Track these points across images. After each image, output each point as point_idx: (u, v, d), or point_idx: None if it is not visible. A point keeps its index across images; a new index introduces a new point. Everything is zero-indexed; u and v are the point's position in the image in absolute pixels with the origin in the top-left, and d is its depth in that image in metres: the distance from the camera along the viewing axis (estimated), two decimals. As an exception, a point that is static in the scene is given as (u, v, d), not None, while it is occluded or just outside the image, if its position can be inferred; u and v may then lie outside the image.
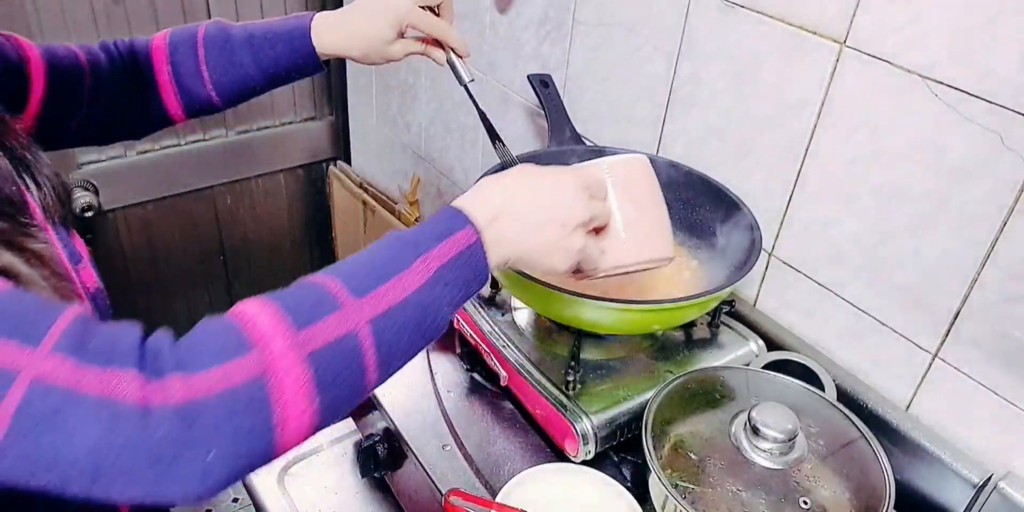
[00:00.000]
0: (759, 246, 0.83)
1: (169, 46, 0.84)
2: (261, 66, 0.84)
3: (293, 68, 0.86)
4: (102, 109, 0.82)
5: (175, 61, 0.84)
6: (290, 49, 0.84)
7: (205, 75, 0.84)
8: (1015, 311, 0.73)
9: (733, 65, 0.93)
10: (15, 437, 0.42)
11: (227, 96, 0.86)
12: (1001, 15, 0.68)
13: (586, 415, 0.80)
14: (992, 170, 0.71)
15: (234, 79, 0.85)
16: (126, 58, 0.84)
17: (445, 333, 0.60)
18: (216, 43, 0.84)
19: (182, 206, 1.85)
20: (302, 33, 0.83)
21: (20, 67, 0.75)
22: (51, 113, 0.78)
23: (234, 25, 0.86)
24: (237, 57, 0.84)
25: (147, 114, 0.86)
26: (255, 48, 0.84)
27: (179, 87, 0.85)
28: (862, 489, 0.71)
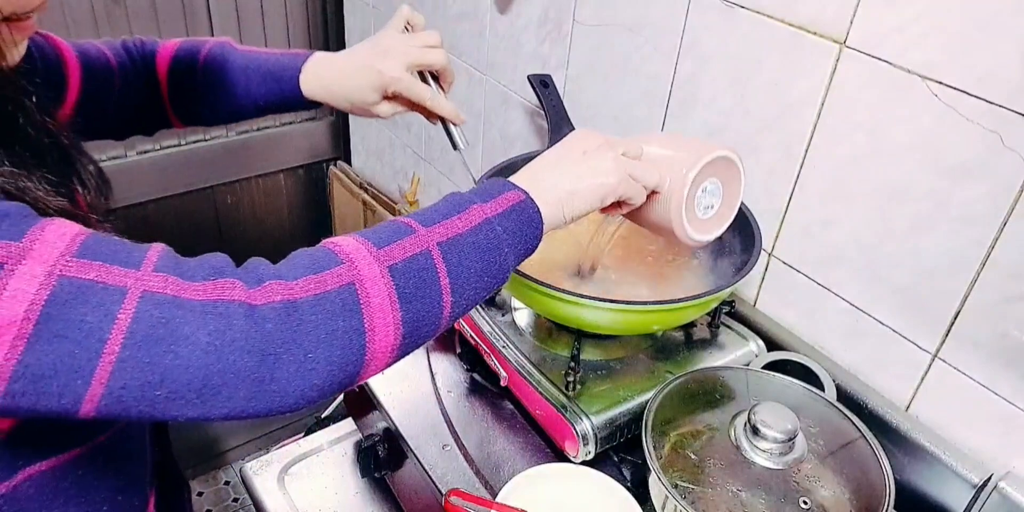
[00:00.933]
0: (759, 246, 0.83)
1: (173, 59, 0.85)
2: (251, 97, 0.85)
3: (281, 105, 0.86)
4: (124, 108, 0.84)
5: (174, 74, 0.85)
6: (279, 89, 0.84)
7: (199, 92, 0.86)
8: (1015, 311, 0.73)
9: (733, 65, 0.93)
10: (131, 350, 0.44)
11: (216, 117, 0.88)
12: (1001, 15, 0.68)
13: (586, 415, 0.80)
14: (992, 170, 0.71)
15: (224, 103, 0.86)
16: (139, 60, 0.85)
17: (446, 333, 0.61)
18: (214, 67, 0.85)
19: (183, 206, 1.85)
20: (291, 76, 0.83)
21: (58, 66, 0.76)
22: (84, 111, 0.79)
23: (236, 51, 0.86)
24: (229, 85, 0.85)
25: (154, 115, 0.88)
26: (248, 80, 0.85)
27: (173, 99, 0.86)
28: (862, 489, 0.71)
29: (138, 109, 0.86)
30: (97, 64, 0.80)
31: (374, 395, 0.96)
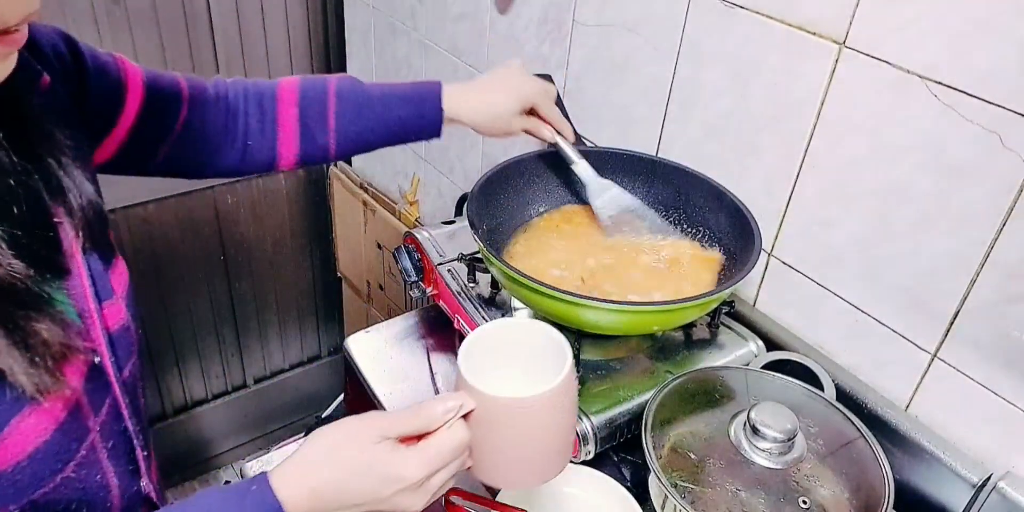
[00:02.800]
0: (759, 246, 0.83)
1: (300, 91, 0.86)
2: (387, 123, 0.87)
3: (414, 130, 0.88)
4: (194, 142, 0.82)
5: (304, 106, 0.85)
6: (418, 112, 0.86)
7: (331, 124, 0.86)
8: (1014, 311, 0.73)
9: (733, 65, 0.93)
10: None
11: (344, 147, 0.88)
12: (1001, 15, 0.68)
13: (586, 415, 0.80)
14: (991, 170, 0.72)
15: (358, 132, 0.87)
16: (236, 95, 0.85)
17: (446, 333, 0.61)
18: (351, 95, 0.86)
19: (183, 206, 1.85)
20: (434, 97, 0.86)
21: (118, 88, 0.75)
22: (140, 138, 0.77)
23: (367, 82, 0.88)
24: (367, 111, 0.86)
25: (250, 154, 0.86)
26: (387, 105, 0.86)
27: (302, 131, 0.86)
28: (861, 489, 0.71)
29: (220, 144, 0.84)
30: (165, 91, 0.79)
31: (374, 395, 0.96)
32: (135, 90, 0.76)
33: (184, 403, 2.18)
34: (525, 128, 0.90)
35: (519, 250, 0.94)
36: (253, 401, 2.30)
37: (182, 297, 1.98)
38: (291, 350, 2.30)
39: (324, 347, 2.37)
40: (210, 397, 2.22)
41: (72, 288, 0.59)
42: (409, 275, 1.04)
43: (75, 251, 0.60)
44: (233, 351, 2.18)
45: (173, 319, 2.00)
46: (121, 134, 0.76)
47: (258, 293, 2.12)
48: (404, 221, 1.76)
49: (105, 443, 0.60)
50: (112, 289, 0.63)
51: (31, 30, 0.65)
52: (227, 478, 2.36)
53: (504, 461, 0.62)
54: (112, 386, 0.62)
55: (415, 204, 1.76)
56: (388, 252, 1.84)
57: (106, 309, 0.62)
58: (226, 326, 2.12)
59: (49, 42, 0.67)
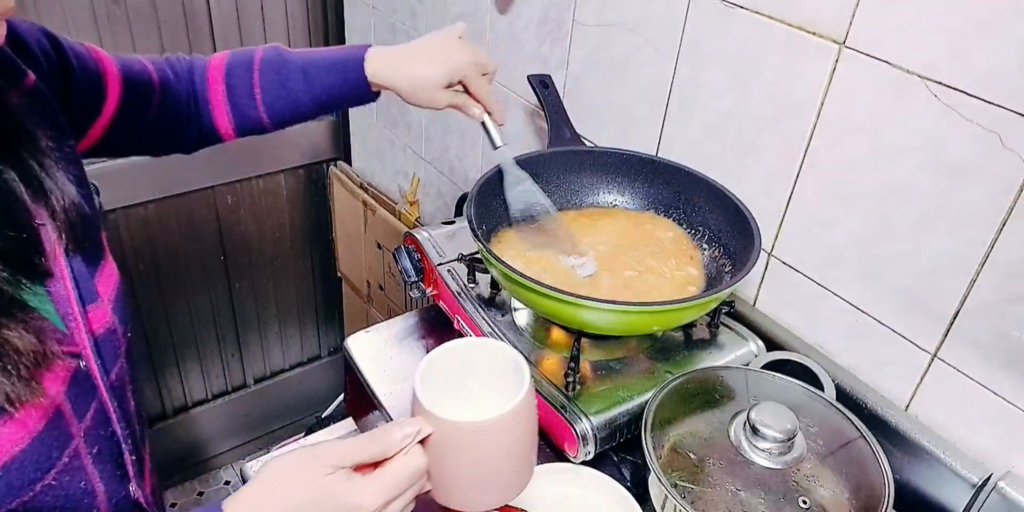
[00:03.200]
0: (759, 246, 0.83)
1: (226, 67, 0.87)
2: (313, 93, 0.87)
3: (343, 96, 0.88)
4: (164, 124, 0.85)
5: (231, 83, 0.87)
6: (342, 78, 0.86)
7: (258, 97, 0.87)
8: (1014, 311, 0.73)
9: (733, 65, 0.93)
10: None
11: (277, 119, 0.89)
12: (1001, 15, 0.68)
13: (586, 416, 0.80)
14: (991, 170, 0.72)
15: (285, 103, 0.87)
16: (185, 75, 0.86)
17: (446, 333, 0.60)
18: (272, 68, 0.87)
19: (183, 206, 1.85)
20: (356, 64, 0.85)
21: (98, 80, 0.76)
22: (121, 125, 0.79)
23: (291, 51, 0.88)
24: (291, 82, 0.86)
25: (199, 130, 0.89)
26: (309, 75, 0.86)
27: (232, 107, 0.87)
28: (861, 489, 0.71)
29: (182, 123, 0.87)
30: (139, 78, 0.81)
31: (374, 395, 0.96)
32: (113, 81, 0.78)
33: (184, 403, 2.19)
34: (452, 103, 0.87)
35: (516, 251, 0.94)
36: (253, 401, 2.30)
37: (182, 297, 1.98)
38: (291, 350, 2.30)
39: (324, 347, 2.37)
40: (210, 397, 2.22)
41: (55, 291, 0.58)
42: (409, 275, 1.04)
43: (58, 254, 0.59)
44: (233, 351, 2.18)
45: (173, 319, 2.00)
46: (104, 123, 0.77)
47: (258, 293, 2.12)
48: (404, 221, 1.76)
49: (90, 448, 0.59)
50: (97, 292, 0.62)
51: (18, 29, 0.65)
52: (227, 478, 2.36)
53: (463, 484, 0.62)
54: (99, 390, 0.61)
55: (415, 204, 1.76)
56: (388, 252, 1.84)
57: (91, 312, 0.61)
58: (226, 326, 2.12)
59: (35, 40, 0.67)
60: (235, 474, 2.36)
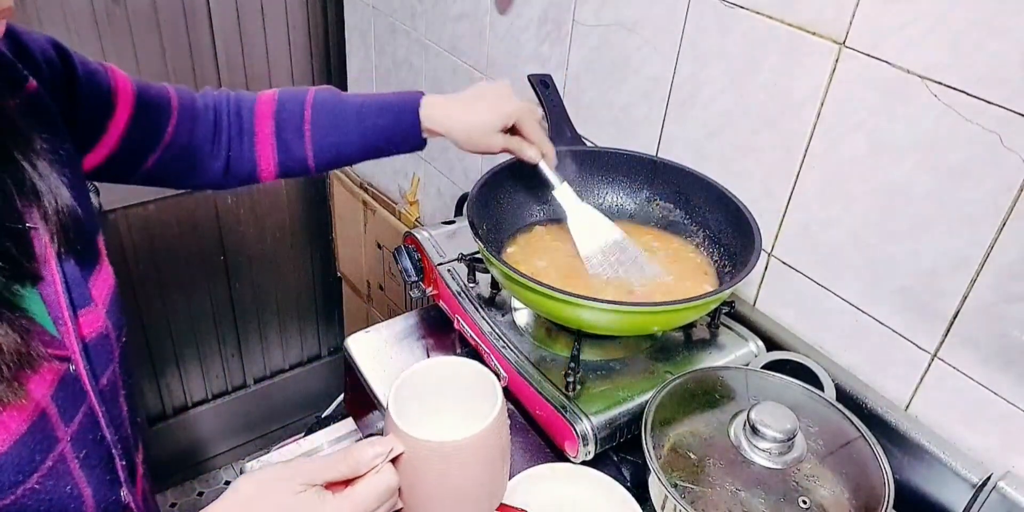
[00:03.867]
0: (759, 246, 0.83)
1: (277, 102, 0.86)
2: (364, 135, 0.86)
3: (394, 140, 0.87)
4: (181, 152, 0.83)
5: (281, 118, 0.85)
6: (396, 121, 0.85)
7: (307, 135, 0.86)
8: (1014, 311, 0.73)
9: (733, 65, 0.93)
10: None
11: (323, 160, 0.88)
12: (1001, 15, 0.68)
13: (586, 416, 0.80)
14: (991, 170, 0.72)
15: (334, 143, 0.86)
16: (223, 107, 0.85)
17: (446, 333, 0.60)
18: (326, 106, 0.86)
19: (183, 206, 1.85)
20: (412, 107, 0.85)
21: (108, 97, 0.75)
22: (129, 147, 0.78)
23: (346, 93, 0.88)
24: (343, 122, 0.85)
25: (232, 165, 0.87)
26: (362, 115, 0.85)
27: (279, 143, 0.86)
28: (861, 489, 0.71)
29: (205, 155, 0.84)
30: (154, 100, 0.79)
31: (374, 395, 0.96)
32: (125, 99, 0.76)
33: (184, 403, 2.19)
34: (506, 147, 0.87)
35: (518, 250, 0.94)
36: (253, 401, 2.30)
37: (182, 297, 1.98)
38: (291, 350, 2.31)
39: (324, 347, 2.37)
40: (210, 397, 2.22)
41: (47, 295, 0.57)
42: (409, 275, 1.04)
43: (49, 257, 0.58)
44: (233, 351, 2.18)
45: (173, 319, 2.00)
46: (111, 142, 0.76)
47: (258, 293, 2.12)
48: (404, 221, 1.76)
49: (77, 453, 0.59)
50: (91, 297, 0.62)
51: (23, 38, 0.65)
52: (227, 478, 2.36)
53: (434, 504, 0.62)
54: (88, 395, 0.60)
55: (415, 204, 1.76)
56: (388, 252, 1.84)
57: (83, 317, 0.60)
58: (226, 326, 2.12)
59: (40, 49, 0.67)
60: (235, 474, 2.36)
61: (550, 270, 0.90)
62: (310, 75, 1.87)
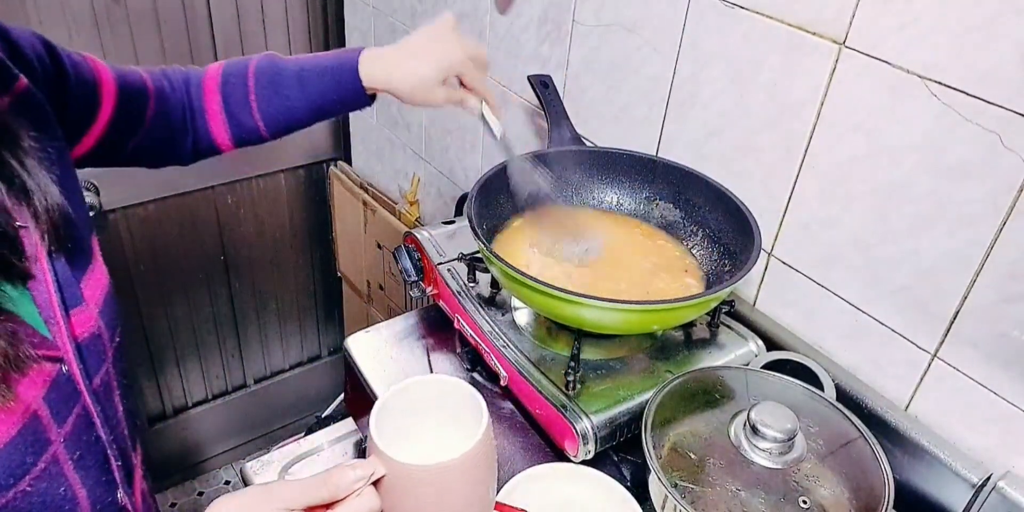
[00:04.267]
0: (759, 246, 0.83)
1: (222, 77, 0.87)
2: (308, 98, 0.86)
3: (339, 101, 0.87)
4: (159, 134, 0.84)
5: (226, 92, 0.87)
6: (336, 82, 0.85)
7: (254, 106, 0.87)
8: (1014, 311, 0.73)
9: (733, 65, 0.93)
10: None
11: (274, 127, 0.88)
12: (1001, 15, 0.68)
13: (586, 415, 0.80)
14: (991, 170, 0.72)
15: (281, 111, 0.87)
16: (181, 86, 0.86)
17: (446, 332, 0.60)
18: (266, 75, 0.86)
19: (183, 206, 1.85)
20: (351, 67, 0.85)
21: (94, 88, 0.76)
22: (114, 134, 0.79)
23: (285, 58, 0.88)
24: (285, 89, 0.86)
25: (196, 141, 0.88)
26: (303, 81, 0.86)
27: (228, 116, 0.87)
28: (861, 489, 0.71)
29: (174, 136, 0.86)
30: (134, 87, 0.81)
31: (374, 395, 0.96)
32: (108, 89, 0.77)
33: (184, 403, 2.19)
34: (449, 99, 0.87)
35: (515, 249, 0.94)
36: (253, 401, 2.30)
37: (182, 297, 1.98)
38: (291, 350, 2.31)
39: (324, 347, 2.37)
40: (210, 397, 2.23)
41: (37, 294, 0.57)
42: (409, 275, 1.04)
43: (40, 256, 0.58)
44: (233, 351, 2.18)
45: (173, 319, 2.00)
46: (98, 131, 0.77)
47: (258, 293, 2.12)
48: (404, 221, 1.76)
49: (71, 454, 0.58)
50: (83, 296, 0.61)
51: (12, 34, 0.64)
52: (227, 478, 2.36)
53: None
54: (81, 395, 0.60)
55: (415, 204, 1.76)
56: (388, 252, 1.84)
57: (75, 317, 0.60)
58: (226, 326, 2.12)
59: (30, 45, 0.67)
60: (235, 474, 2.36)
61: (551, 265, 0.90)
62: (310, 75, 1.87)
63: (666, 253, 0.96)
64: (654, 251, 0.96)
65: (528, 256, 0.92)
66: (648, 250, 0.96)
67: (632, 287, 0.89)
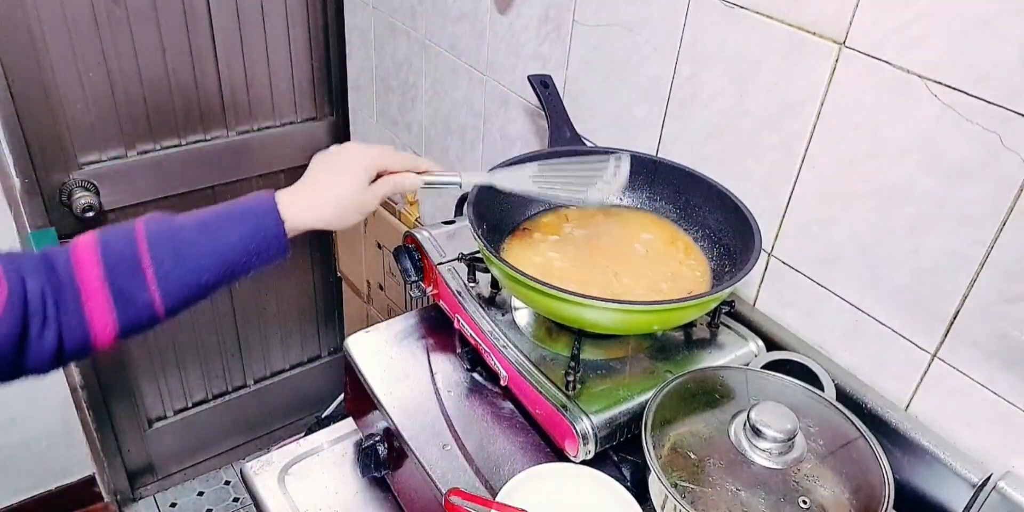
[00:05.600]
0: (759, 246, 0.83)
1: (99, 244, 0.70)
2: (220, 254, 0.72)
3: (256, 251, 0.73)
4: (8, 343, 0.65)
5: (109, 261, 0.69)
6: (254, 227, 0.73)
7: (148, 272, 0.69)
8: (1014, 311, 0.73)
9: (733, 65, 0.93)
10: None
11: (172, 298, 0.71)
12: (1000, 15, 0.68)
13: (586, 415, 0.80)
14: (992, 170, 0.72)
15: (184, 273, 0.71)
16: (39, 267, 0.68)
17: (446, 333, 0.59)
18: (163, 234, 0.71)
19: (183, 206, 1.82)
20: (268, 207, 0.74)
21: None
22: None
23: (178, 215, 0.74)
24: (190, 247, 0.71)
25: (62, 338, 0.68)
26: (212, 233, 0.72)
27: (114, 292, 0.69)
28: (861, 489, 0.71)
29: (34, 334, 0.66)
30: None
31: (374, 395, 0.96)
32: None
33: (184, 403, 2.19)
34: (385, 195, 0.80)
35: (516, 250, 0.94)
36: (253, 401, 2.30)
37: (182, 297, 1.98)
38: (291, 350, 2.30)
39: (324, 347, 2.37)
40: (210, 397, 2.22)
41: None
42: (409, 275, 1.04)
43: None
44: (233, 351, 2.18)
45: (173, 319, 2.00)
46: None
47: (258, 293, 2.12)
48: (404, 221, 1.76)
49: None
50: None
51: None
52: (227, 478, 2.36)
53: None
54: None
55: (415, 204, 1.76)
56: (388, 252, 1.84)
57: None
58: (226, 326, 2.12)
59: None
60: (235, 474, 2.36)
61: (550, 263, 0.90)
62: (310, 75, 1.87)
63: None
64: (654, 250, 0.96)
65: (532, 253, 0.92)
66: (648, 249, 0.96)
67: (632, 287, 0.89)
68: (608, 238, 0.95)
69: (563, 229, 0.97)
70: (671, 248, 0.94)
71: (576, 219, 0.99)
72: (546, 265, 0.91)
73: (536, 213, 1.00)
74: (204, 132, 1.79)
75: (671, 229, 0.98)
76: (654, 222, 0.99)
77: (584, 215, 1.00)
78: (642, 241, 0.95)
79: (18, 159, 1.55)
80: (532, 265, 0.90)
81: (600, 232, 0.97)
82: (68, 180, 1.64)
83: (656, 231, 0.97)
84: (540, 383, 0.84)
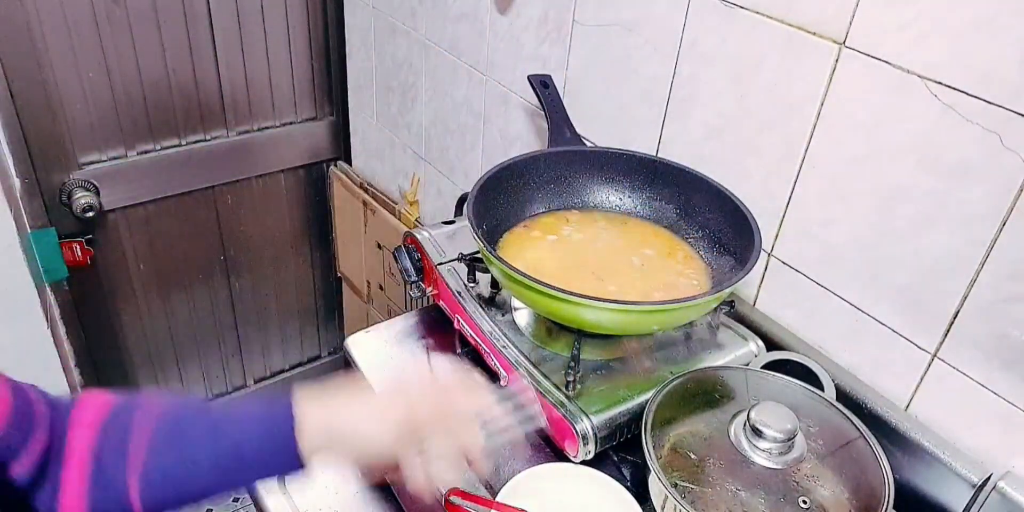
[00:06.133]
0: (759, 246, 0.83)
1: (111, 412, 0.61)
2: (217, 461, 0.61)
3: (267, 466, 0.62)
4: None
5: (106, 428, 0.60)
6: (269, 434, 0.61)
7: (130, 455, 0.59)
8: (1014, 311, 0.73)
9: (733, 65, 0.93)
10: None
11: (152, 493, 0.59)
12: (1001, 15, 0.68)
13: (586, 415, 0.80)
14: (992, 170, 0.72)
15: (180, 474, 0.60)
16: (59, 409, 0.60)
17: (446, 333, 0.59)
18: (172, 417, 0.62)
19: (183, 206, 1.85)
20: (285, 414, 0.61)
21: None
22: None
23: (205, 402, 0.66)
24: (190, 450, 0.60)
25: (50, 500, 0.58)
26: (217, 436, 0.61)
27: (93, 467, 0.58)
28: (861, 489, 0.71)
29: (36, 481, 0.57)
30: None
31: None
32: None
33: (184, 403, 2.18)
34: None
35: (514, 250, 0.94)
36: (253, 401, 2.30)
37: (182, 297, 1.98)
38: (291, 350, 2.30)
39: (324, 347, 2.37)
40: (210, 397, 2.22)
41: None
42: (409, 275, 1.04)
43: None
44: (233, 351, 2.18)
45: (173, 319, 2.00)
46: None
47: (258, 293, 2.12)
48: (404, 221, 1.76)
49: None
50: None
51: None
52: (227, 478, 2.36)
53: None
54: None
55: (415, 204, 1.76)
56: (388, 252, 1.84)
57: None
58: (226, 326, 2.12)
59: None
60: (235, 474, 2.36)
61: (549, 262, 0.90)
62: (310, 75, 1.87)
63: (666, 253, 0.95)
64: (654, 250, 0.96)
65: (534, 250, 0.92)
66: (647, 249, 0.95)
67: (632, 288, 0.89)
68: (605, 246, 0.95)
69: (562, 230, 0.97)
70: (670, 259, 0.94)
71: (577, 222, 0.99)
72: (537, 263, 0.91)
73: (537, 213, 1.00)
74: (204, 132, 1.79)
75: (671, 239, 0.97)
76: (655, 234, 0.98)
77: (586, 219, 1.00)
78: (642, 255, 0.95)
79: (18, 159, 1.55)
80: (524, 261, 0.90)
81: (598, 238, 0.97)
82: (68, 180, 1.64)
83: (657, 245, 0.96)
84: (540, 383, 0.84)
